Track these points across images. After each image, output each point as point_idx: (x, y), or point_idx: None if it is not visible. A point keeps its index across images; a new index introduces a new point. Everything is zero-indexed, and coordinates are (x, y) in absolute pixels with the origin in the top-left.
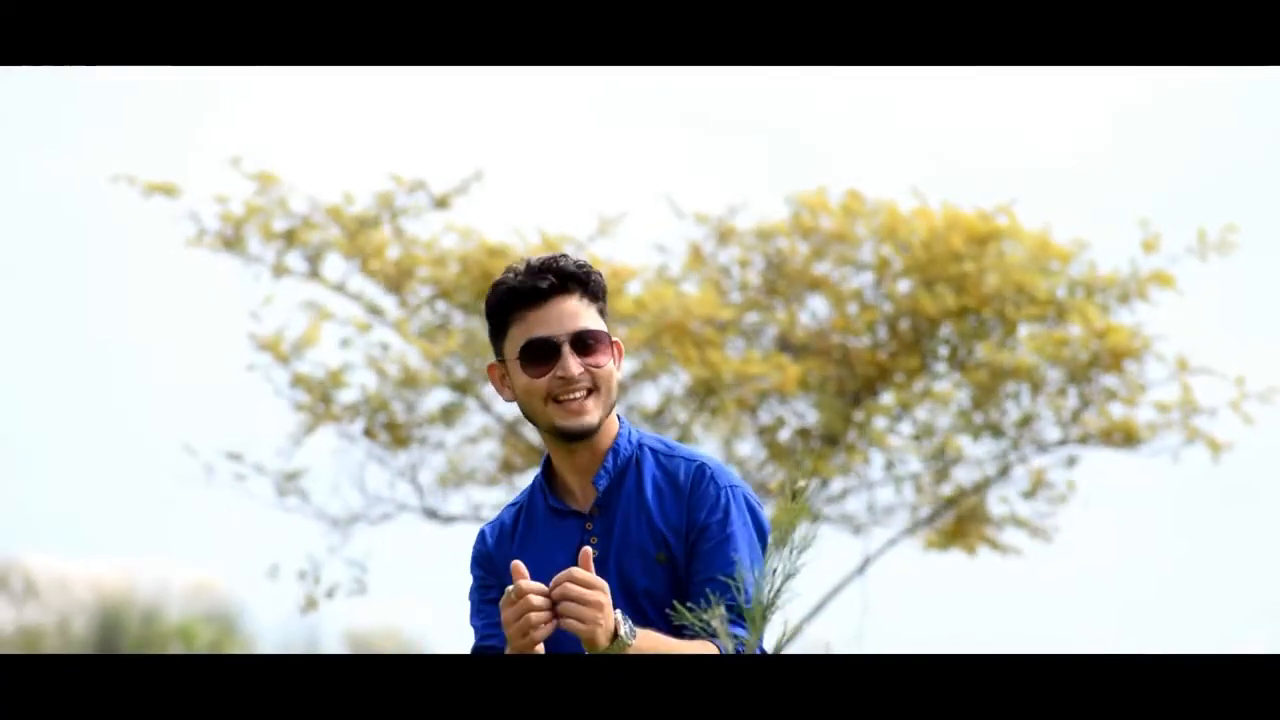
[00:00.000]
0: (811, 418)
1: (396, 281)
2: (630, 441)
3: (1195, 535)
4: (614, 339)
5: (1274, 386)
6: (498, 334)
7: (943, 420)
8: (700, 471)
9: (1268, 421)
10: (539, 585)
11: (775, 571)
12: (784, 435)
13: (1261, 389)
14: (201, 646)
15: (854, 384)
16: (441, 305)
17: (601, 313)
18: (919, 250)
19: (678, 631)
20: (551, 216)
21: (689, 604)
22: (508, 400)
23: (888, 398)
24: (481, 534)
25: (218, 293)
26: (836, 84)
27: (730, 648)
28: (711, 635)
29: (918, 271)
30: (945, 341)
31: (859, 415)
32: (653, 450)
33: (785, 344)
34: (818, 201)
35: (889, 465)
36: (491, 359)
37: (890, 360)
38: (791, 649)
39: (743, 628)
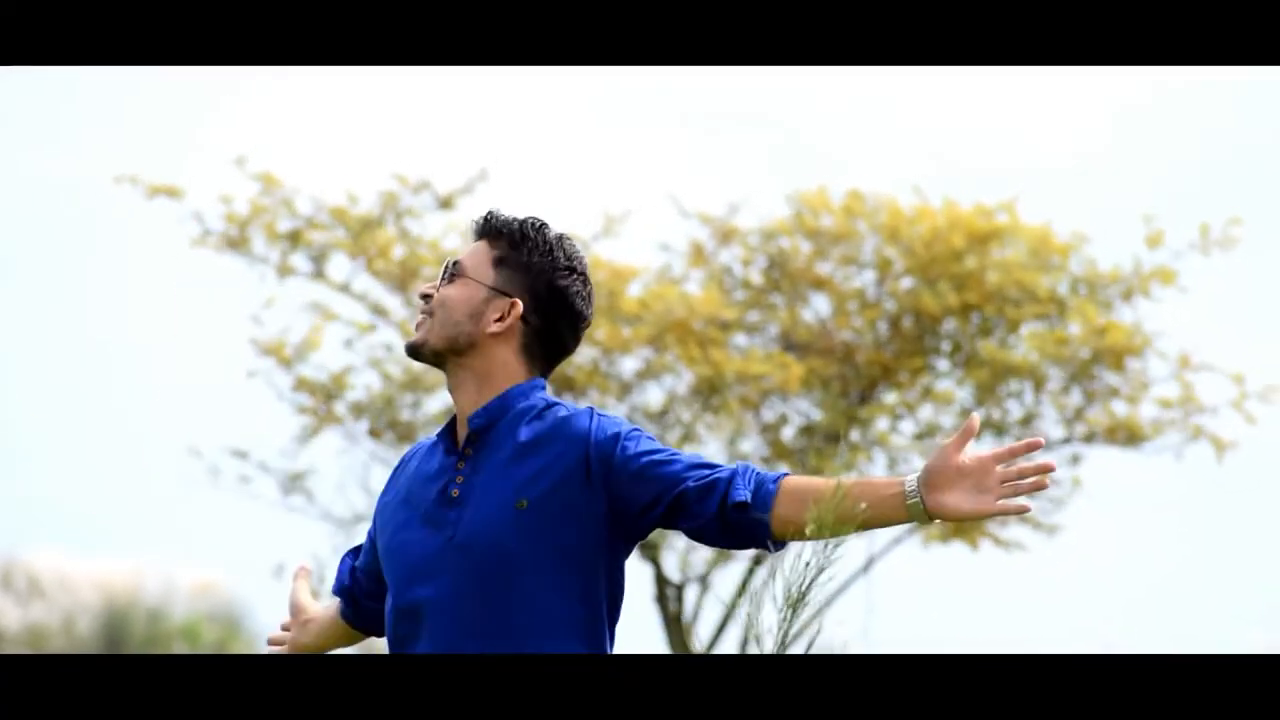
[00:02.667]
0: (815, 416)
1: (401, 281)
2: (527, 396)
3: (1198, 532)
4: (512, 300)
5: (1273, 385)
6: None
7: (945, 419)
8: (588, 412)
9: (1271, 419)
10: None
11: (809, 564)
12: (787, 434)
13: (1261, 387)
14: (206, 646)
15: (857, 382)
16: None
17: (500, 261)
18: (920, 248)
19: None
20: (555, 216)
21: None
22: None
23: (890, 397)
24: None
25: (223, 293)
26: (837, 84)
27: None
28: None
29: (919, 270)
30: (948, 338)
31: (862, 414)
32: (549, 406)
33: (788, 343)
34: (819, 201)
35: (892, 464)
36: None
37: (893, 359)
38: (803, 646)
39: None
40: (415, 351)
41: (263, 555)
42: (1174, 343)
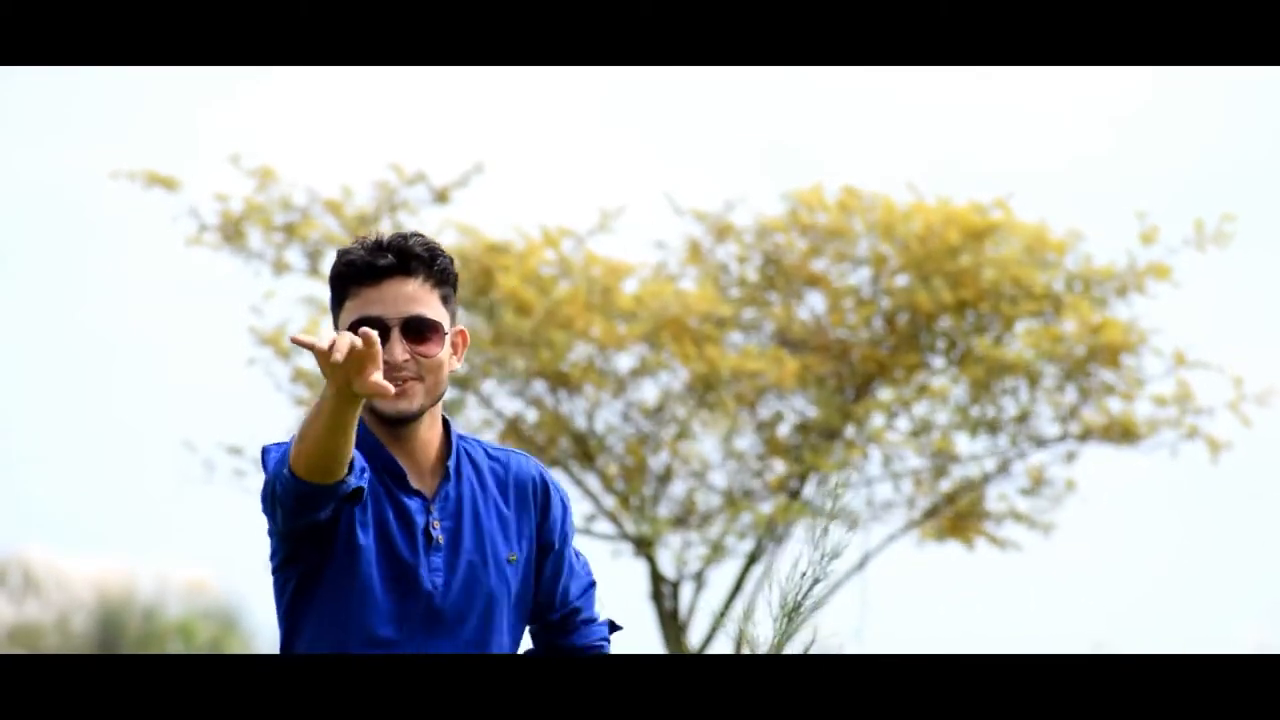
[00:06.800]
0: (810, 413)
1: None
2: (454, 434)
3: (1193, 530)
4: (458, 329)
5: (1271, 388)
6: (336, 305)
7: (940, 416)
8: (546, 475)
9: (1266, 422)
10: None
11: (804, 575)
12: (783, 430)
13: (1259, 390)
14: (201, 643)
15: (852, 379)
16: None
17: (446, 300)
18: (915, 245)
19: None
20: (550, 211)
21: (577, 605)
22: None
23: (885, 393)
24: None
25: (219, 290)
26: (832, 82)
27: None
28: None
29: (914, 267)
30: (943, 335)
31: (857, 410)
32: (478, 443)
33: (783, 339)
34: (814, 198)
35: (887, 461)
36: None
37: (888, 356)
38: (798, 645)
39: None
40: (411, 418)
41: (256, 552)
42: (1169, 339)
